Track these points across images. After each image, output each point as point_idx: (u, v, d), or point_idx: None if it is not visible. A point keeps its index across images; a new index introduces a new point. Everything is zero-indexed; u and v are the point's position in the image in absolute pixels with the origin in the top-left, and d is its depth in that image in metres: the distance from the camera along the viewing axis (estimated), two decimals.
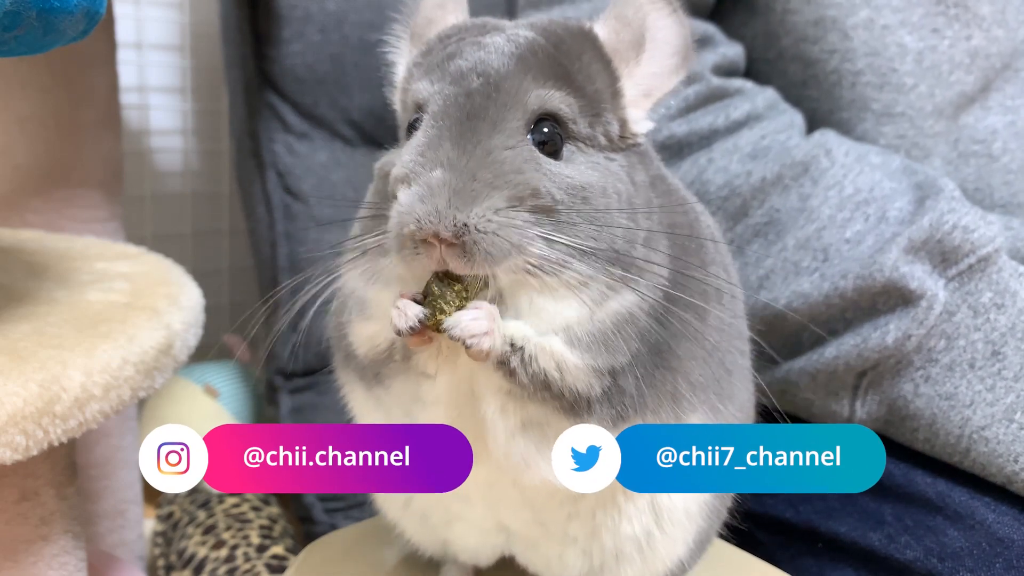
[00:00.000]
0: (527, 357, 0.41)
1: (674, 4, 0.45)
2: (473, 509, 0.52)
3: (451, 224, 0.38)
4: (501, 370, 0.42)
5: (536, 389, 0.42)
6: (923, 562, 0.67)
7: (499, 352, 0.41)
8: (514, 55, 0.42)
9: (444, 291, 0.40)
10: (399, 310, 0.41)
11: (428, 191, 0.38)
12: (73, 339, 0.61)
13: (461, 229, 0.38)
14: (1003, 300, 0.69)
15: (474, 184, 0.38)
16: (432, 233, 0.38)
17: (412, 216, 0.38)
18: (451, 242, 0.38)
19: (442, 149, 0.39)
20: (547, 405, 0.43)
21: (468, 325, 0.39)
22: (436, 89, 0.42)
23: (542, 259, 0.40)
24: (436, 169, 0.39)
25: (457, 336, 0.39)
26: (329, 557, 0.64)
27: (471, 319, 0.39)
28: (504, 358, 0.41)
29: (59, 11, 0.51)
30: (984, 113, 0.86)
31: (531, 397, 0.43)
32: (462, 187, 0.38)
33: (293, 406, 1.15)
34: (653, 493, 0.50)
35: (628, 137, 0.46)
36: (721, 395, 0.51)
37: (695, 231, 0.51)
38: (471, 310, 0.40)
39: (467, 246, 0.38)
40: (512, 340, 0.41)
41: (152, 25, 1.36)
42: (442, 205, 0.38)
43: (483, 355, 0.40)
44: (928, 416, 0.70)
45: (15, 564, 0.64)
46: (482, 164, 0.39)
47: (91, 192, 0.97)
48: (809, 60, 0.86)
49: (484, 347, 0.40)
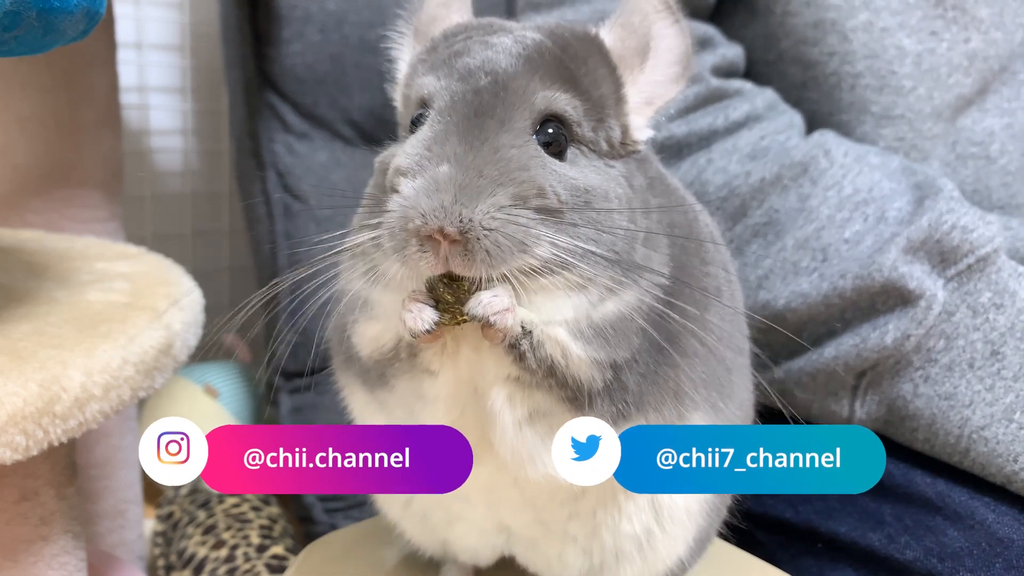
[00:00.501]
0: (536, 341, 0.41)
1: (678, 14, 0.45)
2: (474, 509, 0.52)
3: (456, 220, 0.37)
4: (512, 354, 0.42)
5: (543, 375, 0.42)
6: (923, 562, 0.67)
7: (515, 332, 0.41)
8: (522, 56, 0.42)
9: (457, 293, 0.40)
10: (413, 313, 0.40)
11: (434, 185, 0.38)
12: (73, 339, 0.61)
13: (466, 225, 0.38)
14: (1002, 300, 0.69)
15: (480, 181, 0.38)
16: (437, 229, 0.38)
17: (417, 211, 0.38)
18: (455, 239, 0.38)
19: (449, 144, 0.39)
20: (552, 394, 0.43)
21: (491, 302, 0.39)
22: (443, 85, 0.42)
23: (545, 259, 0.40)
24: (443, 164, 0.39)
25: (480, 314, 0.39)
26: (329, 557, 0.64)
27: (492, 296, 0.39)
28: (516, 340, 0.41)
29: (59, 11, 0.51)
30: (982, 115, 0.86)
31: (538, 384, 0.43)
32: (468, 183, 0.38)
33: (293, 406, 1.15)
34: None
35: (629, 144, 0.46)
36: (722, 393, 0.51)
37: (694, 230, 0.51)
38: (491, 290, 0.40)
39: (470, 243, 0.38)
40: (524, 323, 0.41)
41: (152, 25, 1.36)
42: (448, 201, 0.38)
43: (503, 333, 0.40)
44: (927, 416, 0.70)
45: (15, 564, 0.64)
46: (489, 161, 0.39)
47: (91, 192, 0.97)
48: (808, 62, 0.86)
49: (508, 323, 0.39)
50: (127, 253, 0.86)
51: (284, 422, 1.14)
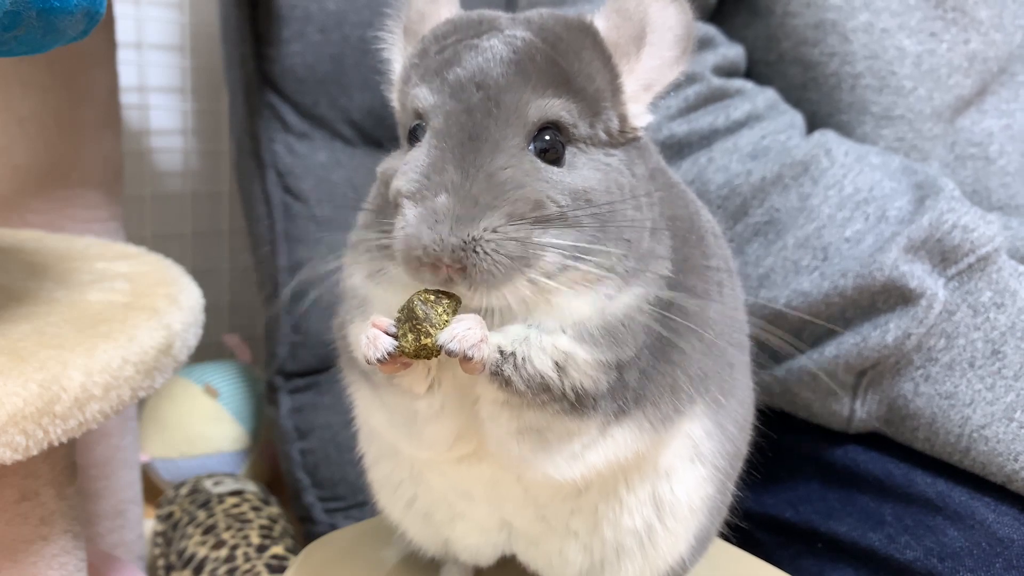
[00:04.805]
0: (519, 361, 0.41)
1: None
2: (476, 507, 0.52)
3: (450, 250, 0.38)
4: (496, 381, 0.41)
5: (534, 394, 0.42)
6: (923, 562, 0.67)
7: (491, 361, 0.40)
8: (512, 62, 0.42)
9: (428, 313, 0.40)
10: (369, 340, 0.40)
11: (433, 217, 0.39)
12: (73, 339, 0.61)
13: (459, 254, 0.38)
14: (1003, 299, 0.69)
15: (475, 210, 0.39)
16: (436, 259, 0.38)
17: (419, 242, 0.39)
18: (453, 268, 0.39)
19: (446, 173, 0.39)
20: (546, 409, 0.42)
21: (465, 336, 0.39)
22: (437, 102, 0.42)
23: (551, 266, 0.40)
24: (441, 194, 0.39)
25: (456, 350, 0.39)
26: (329, 557, 0.64)
27: (466, 329, 0.39)
28: (496, 368, 0.41)
29: (59, 11, 0.51)
30: (980, 116, 0.86)
31: (529, 404, 0.42)
32: (464, 213, 0.39)
33: (293, 406, 1.15)
34: (654, 485, 0.50)
35: (628, 131, 0.46)
36: (723, 388, 0.51)
37: (695, 224, 0.51)
38: (462, 321, 0.40)
39: (468, 269, 0.39)
40: (500, 347, 0.41)
41: (152, 25, 1.36)
42: (445, 233, 0.38)
43: (481, 366, 0.40)
44: (928, 415, 0.70)
45: (15, 564, 0.64)
46: (484, 189, 0.39)
47: (91, 192, 0.97)
48: (809, 63, 0.86)
49: (484, 354, 0.39)
50: (127, 253, 0.86)
51: (284, 422, 1.14)
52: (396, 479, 0.55)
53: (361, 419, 0.55)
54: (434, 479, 0.53)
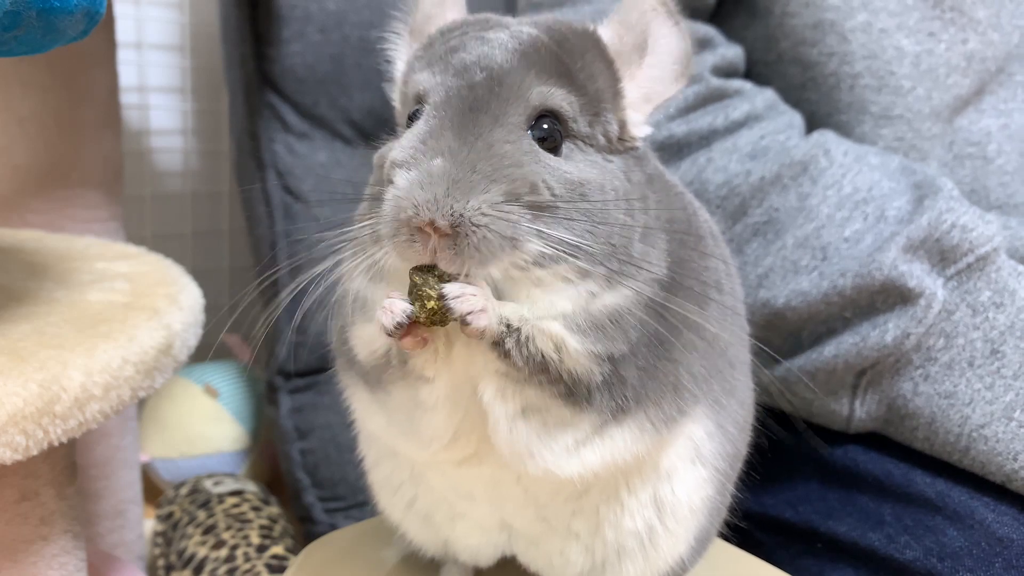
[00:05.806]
0: (523, 338, 0.41)
1: (677, 16, 0.46)
2: (477, 507, 0.52)
3: (448, 213, 0.38)
4: (496, 351, 0.42)
5: (532, 372, 0.42)
6: (923, 562, 0.67)
7: (495, 332, 0.41)
8: (517, 51, 0.42)
9: (426, 278, 0.40)
10: (385, 309, 0.40)
11: (428, 178, 0.38)
12: (73, 339, 0.61)
13: (457, 219, 0.38)
14: (1002, 299, 0.69)
15: (473, 176, 0.38)
16: (428, 221, 0.38)
17: (410, 202, 0.38)
18: (445, 232, 0.38)
19: (443, 139, 0.39)
20: (545, 390, 0.43)
21: (465, 298, 0.39)
22: (439, 80, 0.42)
23: (536, 254, 0.40)
24: (437, 158, 0.39)
25: (456, 309, 0.39)
26: (329, 557, 0.64)
27: (471, 293, 0.39)
28: (499, 338, 0.41)
29: (59, 11, 0.51)
30: (978, 116, 0.86)
31: (527, 380, 0.42)
32: (461, 178, 0.38)
33: (293, 406, 1.15)
34: (656, 487, 0.50)
35: (627, 140, 0.46)
36: (724, 388, 0.51)
37: (693, 225, 0.51)
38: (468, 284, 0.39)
39: (459, 238, 0.38)
40: (508, 321, 0.41)
41: (152, 25, 1.36)
42: (440, 194, 0.38)
43: (479, 333, 0.40)
44: (927, 415, 0.70)
45: (15, 564, 0.64)
46: (482, 156, 0.39)
47: (91, 192, 0.97)
48: (808, 63, 0.86)
49: (482, 324, 0.39)
50: (127, 253, 0.86)
51: (284, 422, 1.14)
52: (396, 481, 0.55)
53: (359, 423, 0.55)
54: (435, 479, 0.53)
